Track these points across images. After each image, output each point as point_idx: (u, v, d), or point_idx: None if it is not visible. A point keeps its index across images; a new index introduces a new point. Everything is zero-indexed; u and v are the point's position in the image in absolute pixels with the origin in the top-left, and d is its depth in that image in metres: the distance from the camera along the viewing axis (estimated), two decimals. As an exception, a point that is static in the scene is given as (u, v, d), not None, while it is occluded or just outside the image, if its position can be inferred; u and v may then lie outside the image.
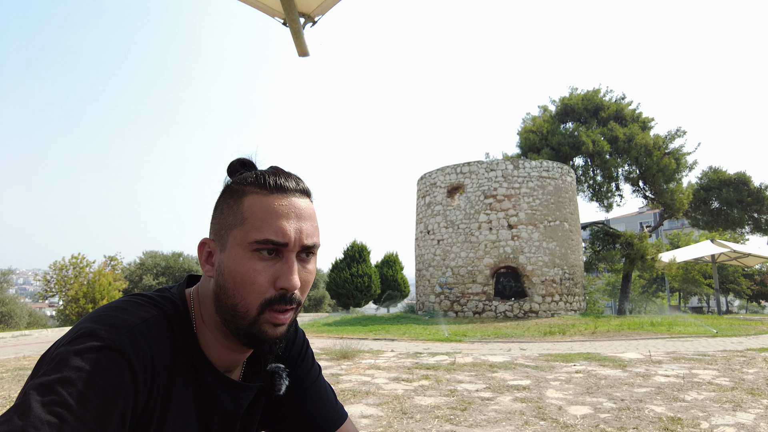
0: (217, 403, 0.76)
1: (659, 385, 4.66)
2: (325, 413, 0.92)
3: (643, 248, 17.31)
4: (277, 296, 0.71)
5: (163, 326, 0.72)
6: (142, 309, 0.71)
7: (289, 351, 0.94)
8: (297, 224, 0.73)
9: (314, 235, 0.76)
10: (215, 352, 0.77)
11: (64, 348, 0.63)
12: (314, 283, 36.58)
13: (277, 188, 0.74)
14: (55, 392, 0.57)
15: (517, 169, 14.26)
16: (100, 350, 0.62)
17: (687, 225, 26.55)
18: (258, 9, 1.69)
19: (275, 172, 0.77)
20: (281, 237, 0.71)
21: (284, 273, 0.71)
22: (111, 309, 0.70)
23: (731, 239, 23.32)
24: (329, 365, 6.24)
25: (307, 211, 0.76)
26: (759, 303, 32.09)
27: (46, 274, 22.35)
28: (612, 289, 33.25)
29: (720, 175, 21.05)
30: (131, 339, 0.65)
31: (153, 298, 0.75)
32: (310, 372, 0.95)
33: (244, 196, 0.74)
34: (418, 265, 15.77)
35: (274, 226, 0.71)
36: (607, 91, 19.93)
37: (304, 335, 1.00)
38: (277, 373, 0.85)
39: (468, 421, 3.58)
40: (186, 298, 0.80)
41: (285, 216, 0.73)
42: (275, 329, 0.72)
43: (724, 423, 3.41)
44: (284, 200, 0.74)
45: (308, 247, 0.74)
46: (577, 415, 3.69)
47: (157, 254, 32.62)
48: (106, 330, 0.64)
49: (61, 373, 0.59)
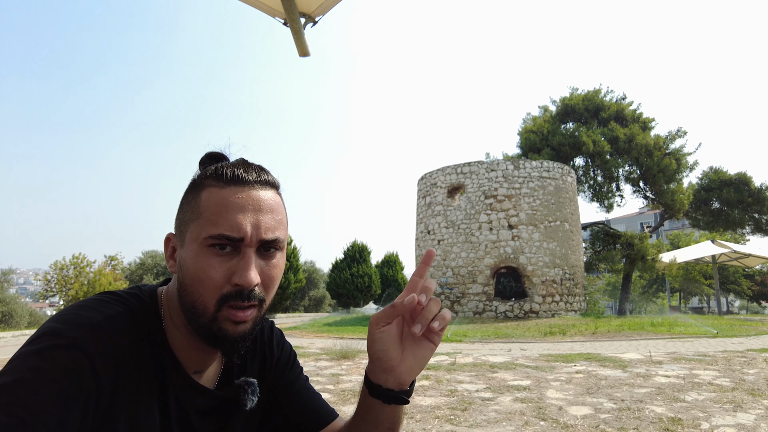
0: (180, 404, 0.74)
1: (660, 386, 4.66)
2: (318, 409, 0.93)
3: (644, 249, 17.31)
4: (233, 292, 0.68)
5: (128, 323, 0.69)
6: (106, 306, 0.70)
7: (277, 360, 0.93)
8: (254, 218, 0.70)
9: (276, 229, 0.72)
10: (184, 352, 0.75)
11: (24, 349, 0.62)
12: (314, 283, 36.51)
13: (234, 180, 0.71)
14: (13, 393, 0.56)
15: (517, 170, 14.26)
16: (60, 348, 0.60)
17: (687, 225, 26.56)
18: (258, 9, 1.69)
19: (236, 164, 0.74)
20: (236, 232, 0.68)
21: (240, 269, 0.68)
22: (75, 307, 0.69)
23: (732, 240, 23.31)
24: (330, 365, 6.24)
25: (267, 204, 0.72)
26: (759, 303, 32.09)
27: (47, 274, 22.36)
28: (612, 289, 33.27)
29: (721, 176, 21.04)
30: (93, 336, 0.63)
31: (120, 296, 0.74)
32: (299, 376, 0.96)
33: (201, 189, 0.72)
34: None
35: (228, 220, 0.68)
36: (608, 91, 19.95)
37: (285, 339, 0.99)
38: (243, 387, 0.82)
39: (468, 422, 3.57)
40: (157, 295, 0.78)
41: (241, 209, 0.69)
42: (236, 327, 0.69)
43: (724, 423, 3.41)
44: (241, 193, 0.70)
45: (268, 242, 0.71)
46: (578, 415, 3.69)
47: (157, 254, 32.68)
48: (66, 328, 0.63)
49: (20, 374, 0.58)
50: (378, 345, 0.74)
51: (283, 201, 0.78)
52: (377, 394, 0.77)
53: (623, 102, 19.53)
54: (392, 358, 0.74)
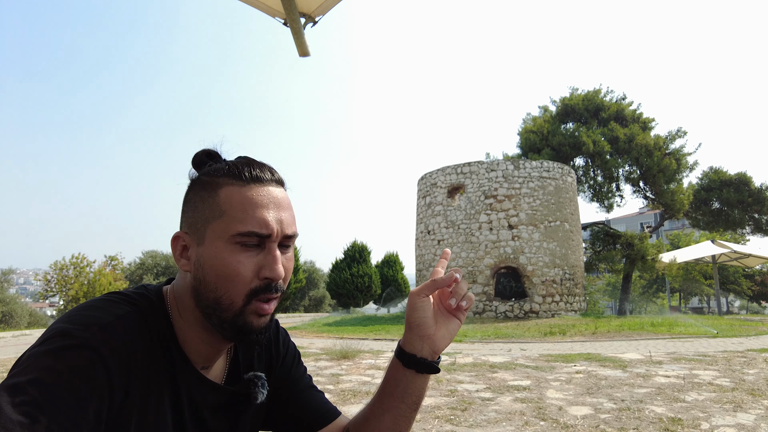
0: (192, 401, 0.75)
1: (660, 386, 4.66)
2: (322, 406, 0.95)
3: (644, 249, 17.31)
4: (263, 286, 0.71)
5: (138, 322, 0.70)
6: (115, 306, 0.70)
7: (283, 358, 0.95)
8: (277, 214, 0.73)
9: (293, 225, 0.76)
10: (193, 347, 0.76)
11: (35, 349, 0.62)
12: (314, 283, 36.62)
13: (253, 179, 0.74)
14: (26, 393, 0.56)
15: (517, 170, 14.26)
16: (72, 349, 0.61)
17: (687, 225, 26.57)
18: (258, 9, 1.69)
19: (248, 163, 0.76)
20: (265, 228, 0.71)
21: (269, 263, 0.71)
22: (84, 308, 0.69)
23: (732, 240, 23.32)
24: (330, 365, 6.24)
25: (284, 201, 0.76)
26: (760, 303, 32.08)
27: (47, 274, 22.40)
28: (612, 289, 33.25)
29: (721, 176, 21.04)
30: (104, 336, 0.64)
31: (127, 296, 0.74)
32: (303, 375, 0.98)
33: (218, 188, 0.73)
34: (418, 265, 15.77)
35: (256, 218, 0.71)
36: (608, 91, 19.95)
37: (290, 338, 1.01)
38: (253, 381, 0.84)
39: (468, 422, 3.58)
40: (163, 294, 0.79)
41: (265, 206, 0.72)
42: (260, 319, 0.72)
43: (724, 423, 3.41)
44: (262, 191, 0.73)
45: (289, 236, 0.75)
46: (578, 415, 3.69)
47: (157, 254, 32.71)
48: (77, 329, 0.63)
49: (32, 374, 0.58)
50: (419, 312, 0.81)
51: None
52: (411, 363, 0.82)
53: (623, 102, 19.53)
54: (430, 326, 0.81)
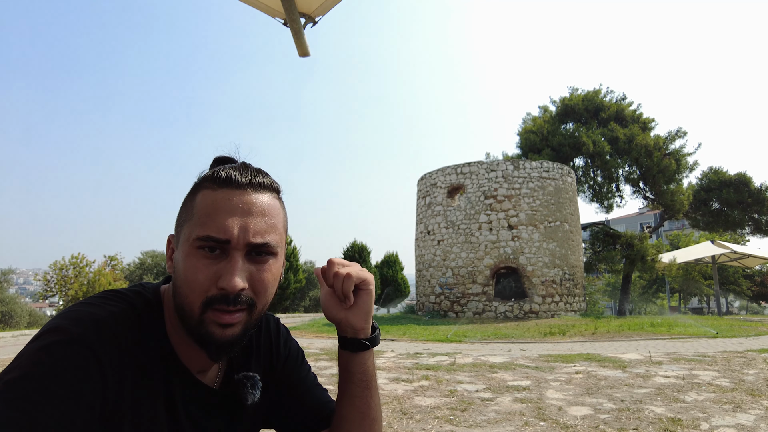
0: (184, 401, 0.75)
1: (659, 386, 4.66)
2: (326, 406, 0.94)
3: (644, 249, 17.30)
4: (218, 296, 0.68)
5: (131, 320, 0.70)
6: (109, 303, 0.70)
7: (285, 357, 0.94)
8: (243, 221, 0.69)
9: (267, 233, 0.71)
10: (184, 350, 0.75)
11: (29, 345, 0.62)
12: (314, 283, 36.42)
13: (226, 182, 0.71)
14: (20, 388, 0.57)
15: (517, 170, 14.26)
16: (64, 344, 0.61)
17: (687, 226, 26.55)
18: (258, 9, 1.69)
19: (233, 167, 0.74)
20: (222, 233, 0.68)
21: (225, 272, 0.68)
22: (79, 305, 0.69)
23: (731, 240, 23.32)
24: (329, 365, 6.24)
25: (260, 207, 0.71)
26: (759, 304, 32.05)
27: (47, 274, 22.36)
28: (612, 289, 33.22)
29: (720, 176, 21.02)
30: (97, 332, 0.64)
31: (123, 293, 0.74)
32: (308, 374, 0.98)
33: (197, 191, 0.73)
34: (418, 265, 15.77)
35: (216, 222, 0.68)
36: (608, 91, 19.94)
37: (291, 336, 1.00)
38: (243, 382, 0.82)
39: (468, 422, 3.57)
40: (160, 293, 0.79)
41: (229, 211, 0.69)
42: (223, 330, 0.69)
43: (724, 424, 3.41)
44: (232, 195, 0.70)
45: (257, 245, 0.70)
46: (577, 415, 3.69)
47: (157, 254, 32.66)
48: (70, 324, 0.64)
49: (26, 370, 0.58)
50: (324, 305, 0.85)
51: (282, 205, 0.77)
52: (343, 345, 0.86)
53: (623, 102, 19.53)
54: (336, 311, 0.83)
